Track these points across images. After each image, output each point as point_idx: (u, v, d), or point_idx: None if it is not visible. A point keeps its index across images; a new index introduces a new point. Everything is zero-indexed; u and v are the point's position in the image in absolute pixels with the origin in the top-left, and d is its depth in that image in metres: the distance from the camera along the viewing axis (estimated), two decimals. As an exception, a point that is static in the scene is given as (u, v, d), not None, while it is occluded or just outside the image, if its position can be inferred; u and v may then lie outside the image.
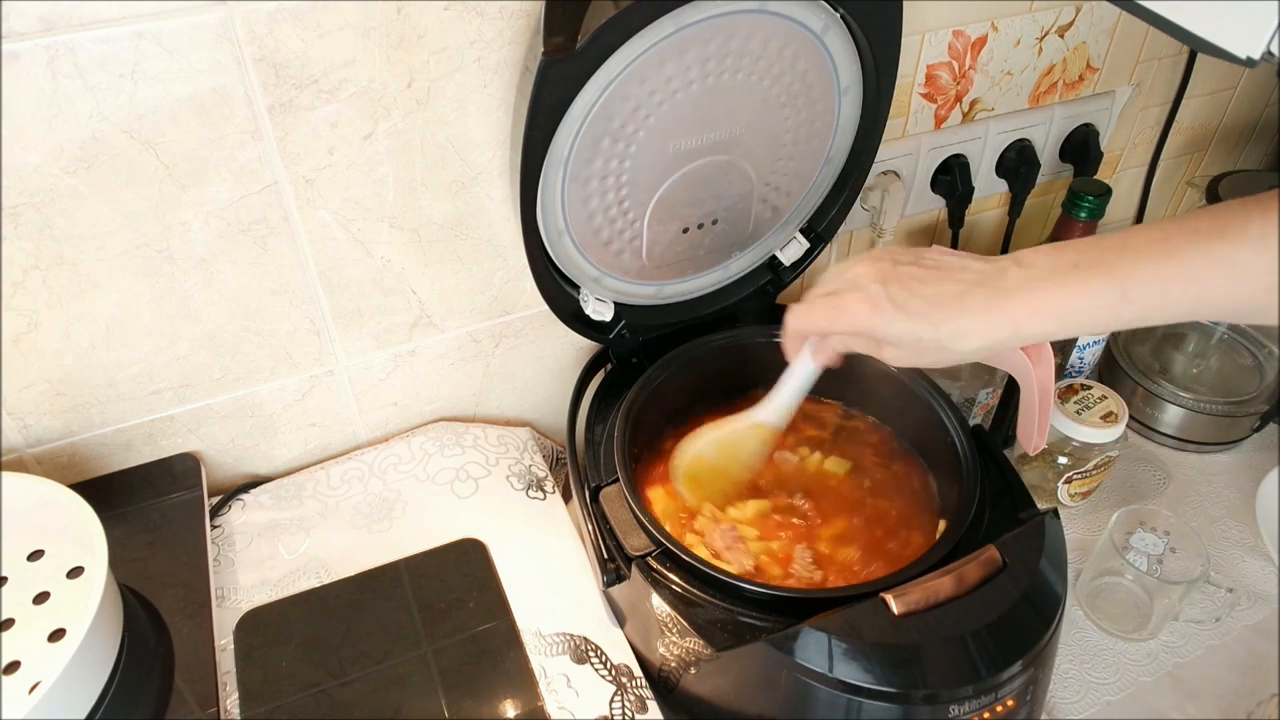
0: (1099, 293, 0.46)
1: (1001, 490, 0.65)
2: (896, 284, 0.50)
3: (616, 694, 0.61)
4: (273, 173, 0.61)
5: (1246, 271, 0.43)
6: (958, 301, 0.49)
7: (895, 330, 0.50)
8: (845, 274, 0.53)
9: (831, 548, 0.66)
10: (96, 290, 0.62)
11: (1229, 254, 0.44)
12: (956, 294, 0.49)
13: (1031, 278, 0.48)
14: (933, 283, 0.50)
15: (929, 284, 0.50)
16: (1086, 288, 0.47)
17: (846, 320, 0.52)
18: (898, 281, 0.50)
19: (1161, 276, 0.45)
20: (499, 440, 0.80)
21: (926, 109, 0.84)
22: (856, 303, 0.51)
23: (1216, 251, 0.44)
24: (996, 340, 0.49)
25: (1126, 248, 0.46)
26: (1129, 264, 0.46)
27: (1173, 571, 0.74)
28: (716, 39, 0.60)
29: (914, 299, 0.50)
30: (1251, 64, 0.42)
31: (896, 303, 0.50)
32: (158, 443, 0.71)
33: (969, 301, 0.49)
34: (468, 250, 0.72)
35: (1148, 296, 0.46)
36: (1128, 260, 0.46)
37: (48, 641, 0.57)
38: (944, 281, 0.50)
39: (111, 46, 0.53)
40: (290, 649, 0.63)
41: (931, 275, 0.50)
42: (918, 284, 0.50)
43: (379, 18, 0.58)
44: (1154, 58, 0.92)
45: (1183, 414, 0.89)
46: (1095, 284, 0.46)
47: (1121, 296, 0.46)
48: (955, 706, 0.52)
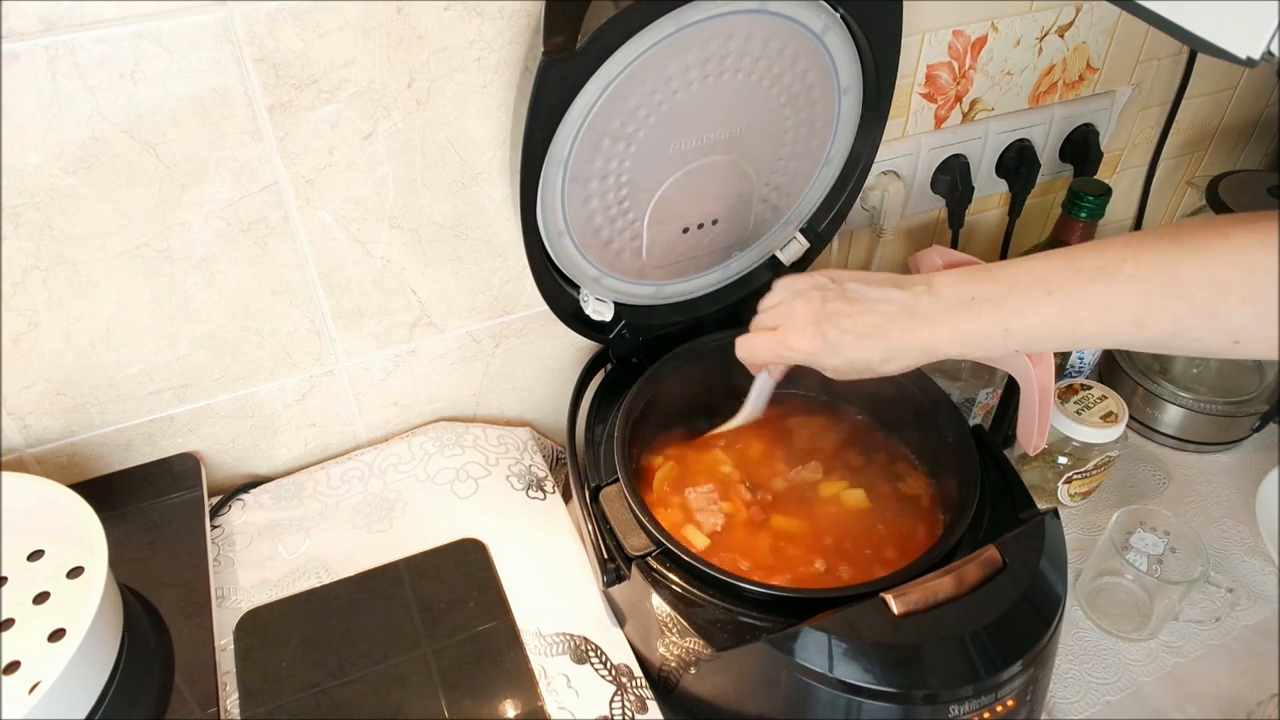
0: (986, 327, 0.52)
1: (1001, 490, 0.65)
2: (827, 322, 0.57)
3: (616, 694, 0.61)
4: (273, 173, 0.61)
5: (1116, 309, 0.48)
6: (880, 333, 0.56)
7: (831, 362, 0.58)
8: (786, 309, 0.60)
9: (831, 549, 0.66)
10: (96, 290, 0.62)
11: (1101, 294, 0.48)
12: (879, 326, 0.56)
13: (935, 309, 0.54)
14: (858, 316, 0.57)
15: (854, 319, 0.57)
16: (977, 321, 0.53)
17: (789, 354, 0.60)
18: (828, 319, 0.58)
19: (1040, 314, 0.50)
20: (499, 440, 0.80)
21: (926, 109, 0.84)
22: (797, 340, 0.59)
23: (1090, 291, 0.49)
24: (915, 361, 0.56)
25: (1015, 284, 0.52)
26: (1014, 302, 0.51)
27: (1173, 571, 0.74)
28: (716, 39, 0.60)
29: (844, 335, 0.57)
30: (1251, 64, 0.42)
31: (830, 340, 0.57)
32: (158, 443, 0.71)
33: (889, 333, 0.56)
34: (468, 250, 0.72)
35: (1028, 331, 0.51)
36: (1013, 298, 0.51)
37: (48, 641, 0.57)
38: (868, 314, 0.57)
39: (111, 46, 0.53)
40: (290, 649, 0.63)
41: (857, 310, 0.57)
42: (845, 319, 0.57)
43: (379, 18, 0.58)
44: (1154, 58, 0.92)
45: (1183, 414, 0.89)
46: (984, 319, 0.52)
47: (1005, 331, 0.52)
48: (955, 706, 0.52)
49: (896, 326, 0.55)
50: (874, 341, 0.56)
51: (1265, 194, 0.87)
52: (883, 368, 0.57)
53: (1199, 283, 0.45)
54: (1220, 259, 0.45)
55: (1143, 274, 0.47)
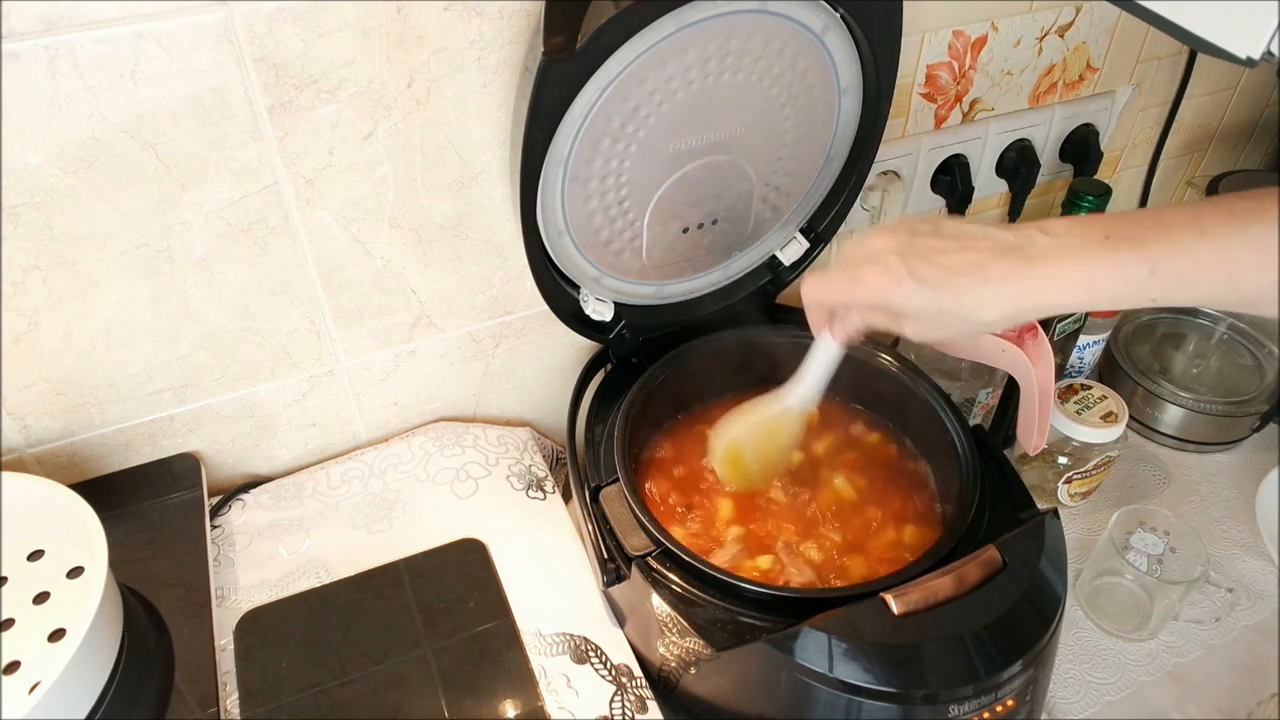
0: (1128, 267, 0.45)
1: (1001, 490, 0.65)
2: (915, 255, 0.49)
3: (616, 694, 0.61)
4: (273, 173, 0.61)
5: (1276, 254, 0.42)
6: (979, 271, 0.48)
7: (915, 302, 0.49)
8: (863, 246, 0.52)
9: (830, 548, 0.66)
10: (96, 290, 0.62)
11: (1263, 237, 0.42)
12: (978, 263, 0.48)
13: (1059, 247, 0.47)
14: (953, 252, 0.49)
15: (949, 253, 0.49)
16: (1116, 260, 0.45)
17: (864, 292, 0.51)
18: (916, 252, 0.49)
19: (1193, 254, 0.44)
20: (499, 440, 0.80)
21: (926, 109, 0.84)
22: (874, 275, 0.50)
23: (1250, 234, 0.43)
24: (1020, 309, 0.48)
25: (1159, 223, 0.45)
26: (1161, 240, 0.45)
27: (1173, 571, 0.74)
28: (716, 39, 0.60)
29: (934, 269, 0.48)
30: (1251, 64, 0.42)
31: (916, 274, 0.49)
32: (158, 443, 0.71)
33: (991, 271, 0.47)
34: (468, 250, 0.72)
35: (1177, 274, 0.45)
36: (1159, 236, 0.45)
37: (48, 641, 0.57)
38: (964, 250, 0.48)
39: (111, 46, 0.53)
40: (290, 649, 0.63)
41: (951, 245, 0.49)
42: (937, 254, 0.49)
43: (379, 18, 0.58)
44: (1154, 58, 0.92)
45: (1183, 414, 0.89)
46: (1125, 257, 0.45)
47: (1151, 272, 0.45)
48: (955, 706, 0.52)
49: (1000, 265, 0.47)
50: (969, 281, 0.47)
51: (1265, 194, 0.87)
52: (977, 314, 0.48)
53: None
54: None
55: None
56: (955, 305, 0.48)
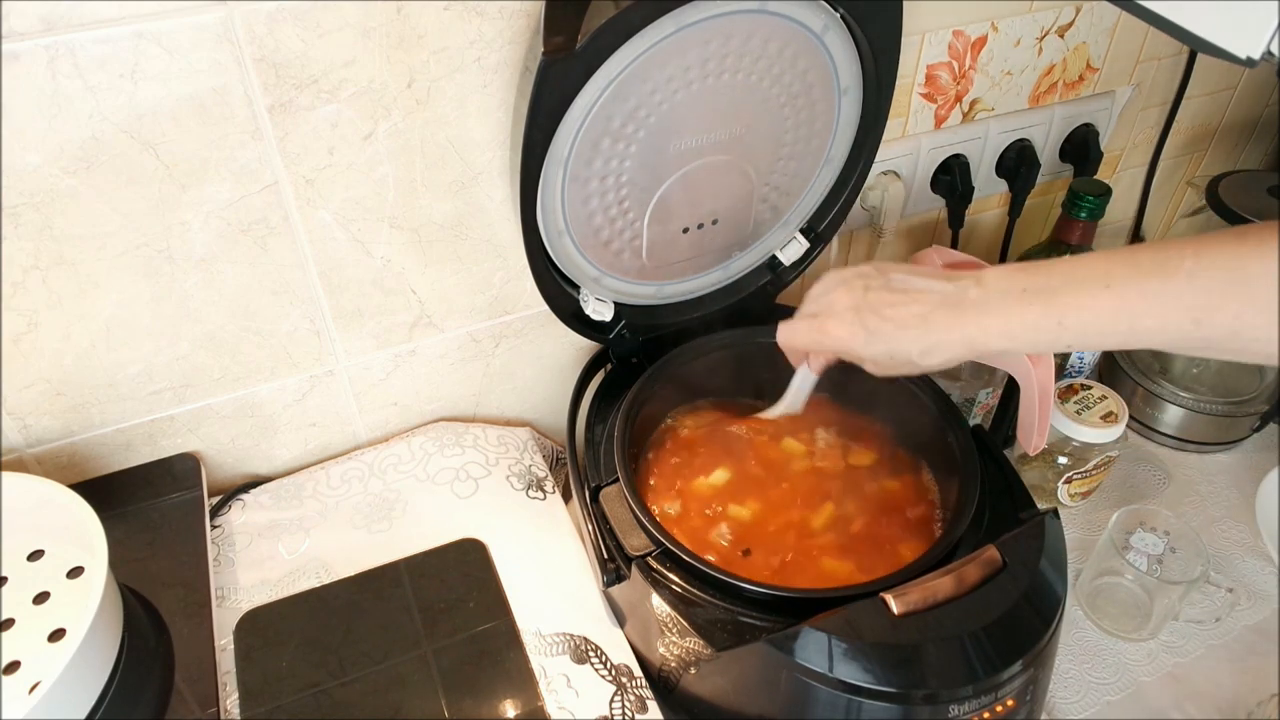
0: (1039, 320, 0.50)
1: (1001, 490, 0.65)
2: (868, 309, 0.56)
3: (616, 694, 0.61)
4: (273, 173, 0.61)
5: (1175, 306, 0.46)
6: (923, 323, 0.54)
7: (871, 351, 0.56)
8: (825, 296, 0.59)
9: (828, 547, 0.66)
10: (96, 290, 0.62)
11: (1159, 289, 0.47)
12: (921, 315, 0.54)
13: (985, 300, 0.52)
14: (900, 305, 0.55)
15: (896, 307, 0.55)
16: (1029, 313, 0.50)
17: (830, 342, 0.58)
18: (869, 307, 0.56)
19: (1096, 308, 0.49)
20: (499, 440, 0.80)
21: (926, 109, 0.84)
22: (835, 328, 0.57)
23: (1148, 287, 0.47)
24: (959, 354, 0.54)
25: (1071, 278, 0.50)
26: (1070, 294, 0.49)
27: (1173, 571, 0.74)
28: (716, 39, 0.60)
29: (884, 323, 0.55)
30: (1251, 64, 0.42)
31: (868, 327, 0.56)
32: (158, 443, 0.71)
33: (932, 322, 0.53)
34: (468, 250, 0.72)
35: (1083, 325, 0.49)
36: (1069, 291, 0.49)
37: (48, 641, 0.57)
38: (910, 304, 0.54)
39: (111, 46, 0.53)
40: (290, 649, 0.63)
41: (900, 299, 0.55)
42: (887, 307, 0.55)
43: (379, 18, 0.58)
44: (1154, 58, 0.92)
45: (1183, 414, 0.89)
46: (1036, 311, 0.50)
47: (1058, 324, 0.50)
48: (955, 706, 0.52)
49: (940, 316, 0.53)
50: (915, 331, 0.54)
51: (1265, 194, 0.87)
52: (923, 360, 0.55)
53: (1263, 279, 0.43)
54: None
55: (1204, 270, 0.45)
56: (905, 353, 0.55)
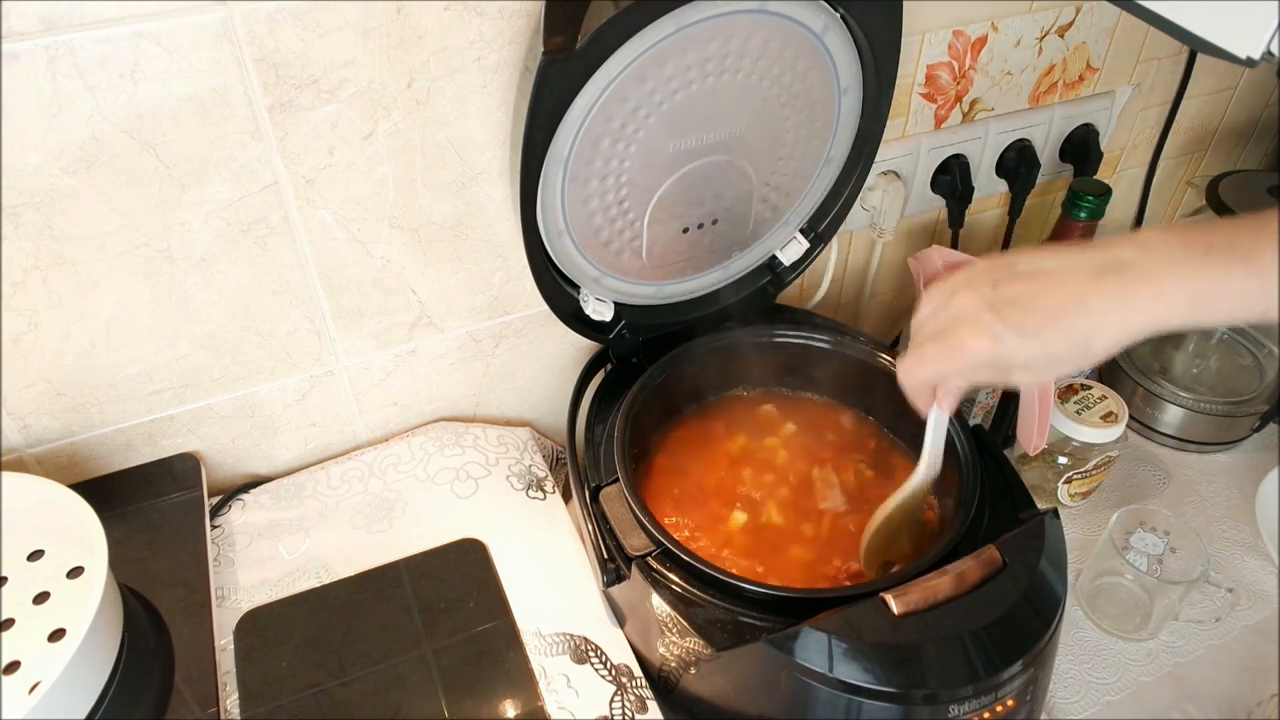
0: (1241, 281, 0.42)
1: (1001, 490, 0.65)
2: (1008, 305, 0.47)
3: (616, 694, 0.61)
4: (273, 173, 0.61)
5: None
6: (1080, 304, 0.45)
7: (1023, 354, 0.47)
8: (946, 310, 0.50)
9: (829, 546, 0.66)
10: (96, 290, 0.62)
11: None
12: (1076, 295, 0.45)
13: (1160, 261, 0.44)
14: (1044, 291, 0.46)
15: (1041, 294, 0.46)
16: (1228, 274, 0.43)
17: (967, 358, 0.48)
18: (1007, 302, 0.47)
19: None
20: (499, 440, 0.80)
21: (926, 109, 0.84)
22: (971, 337, 0.48)
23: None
24: (1131, 334, 0.45)
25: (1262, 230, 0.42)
26: (1267, 248, 0.42)
27: (1173, 571, 0.74)
28: (716, 39, 0.60)
29: (1032, 315, 0.46)
30: (1251, 64, 0.42)
31: (1015, 326, 0.46)
32: (158, 443, 0.71)
33: (1094, 299, 0.45)
34: (468, 250, 0.72)
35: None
36: (1265, 244, 0.42)
37: (48, 641, 0.57)
38: (1058, 287, 0.46)
39: (111, 46, 0.53)
40: (290, 649, 0.63)
41: (1040, 284, 0.47)
42: (1029, 298, 0.46)
43: (379, 18, 0.58)
44: (1154, 58, 0.92)
45: (1183, 414, 0.89)
46: (1236, 270, 0.42)
47: (1260, 286, 0.42)
48: (955, 706, 0.52)
49: (1101, 290, 0.44)
50: (1073, 316, 0.45)
51: (1265, 194, 0.87)
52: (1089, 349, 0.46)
53: None
54: None
55: None
56: (1065, 345, 0.46)
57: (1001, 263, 0.49)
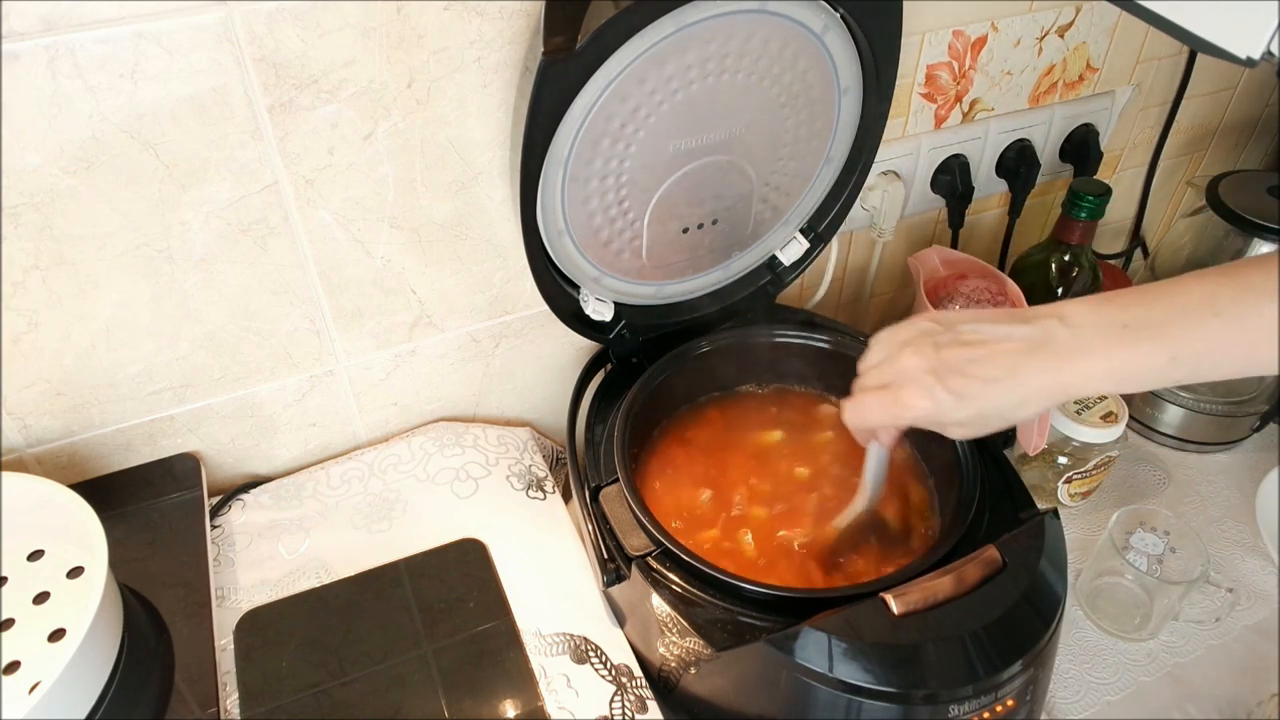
0: (1149, 357, 0.46)
1: (1001, 490, 0.65)
2: (947, 370, 0.51)
3: (616, 694, 0.61)
4: (273, 173, 0.61)
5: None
6: (1012, 376, 0.49)
7: (958, 416, 0.51)
8: (891, 366, 0.54)
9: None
10: (96, 290, 0.62)
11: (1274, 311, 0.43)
12: (1009, 368, 0.49)
13: (1082, 341, 0.48)
14: (983, 360, 0.50)
15: (979, 363, 0.50)
16: (1137, 351, 0.47)
17: (908, 414, 0.53)
18: (948, 367, 0.51)
19: (1210, 339, 0.45)
20: (499, 440, 0.80)
21: (926, 109, 0.84)
22: (913, 397, 0.52)
23: (1265, 312, 0.44)
24: (1055, 401, 0.50)
25: (1173, 306, 0.46)
26: (1177, 326, 0.46)
27: (1173, 571, 0.74)
28: (716, 39, 0.60)
29: (970, 382, 0.50)
30: (1251, 64, 0.42)
31: (954, 391, 0.51)
32: (158, 443, 0.71)
33: (1024, 372, 0.49)
34: (468, 250, 0.72)
35: (1197, 359, 0.46)
36: (1175, 322, 0.46)
37: (48, 641, 0.57)
38: (994, 357, 0.50)
39: (111, 46, 0.53)
40: (290, 649, 0.63)
41: (979, 352, 0.50)
42: (969, 365, 0.50)
43: (379, 18, 0.58)
44: (1154, 58, 0.92)
45: (1183, 414, 0.89)
46: (1145, 348, 0.46)
47: (1171, 360, 0.46)
48: (955, 706, 0.52)
49: (1031, 364, 0.49)
50: (1005, 385, 0.49)
51: (1265, 194, 0.87)
52: (1017, 414, 0.51)
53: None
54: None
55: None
56: (996, 410, 0.51)
57: (945, 323, 0.53)
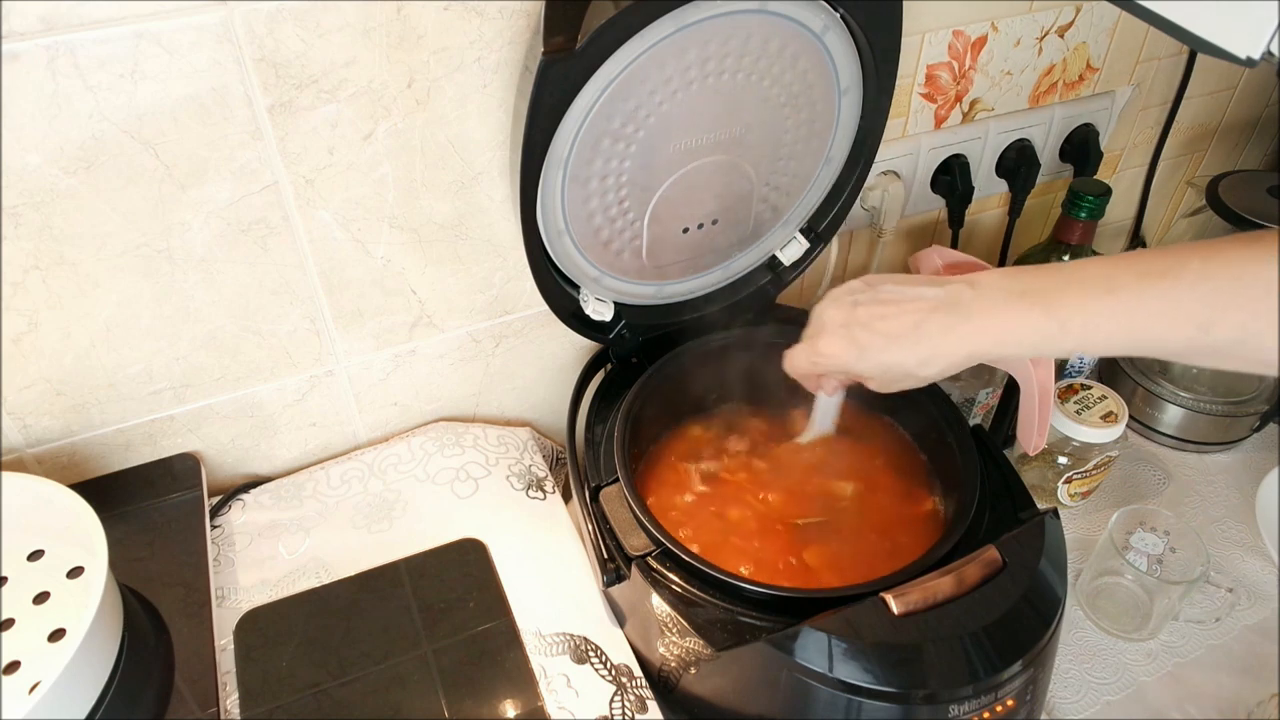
0: (1040, 323, 0.49)
1: (1001, 490, 0.65)
2: (858, 324, 0.54)
3: (616, 694, 0.61)
4: (273, 173, 0.61)
5: (1181, 311, 0.45)
6: (915, 331, 0.52)
7: (866, 367, 0.55)
8: (819, 318, 0.58)
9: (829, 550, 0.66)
10: (96, 290, 0.62)
11: (1164, 293, 0.45)
12: (913, 324, 0.52)
13: (981, 302, 0.51)
14: (891, 317, 0.53)
15: (888, 319, 0.53)
16: (1029, 316, 0.49)
17: (826, 362, 0.57)
18: (859, 322, 0.54)
19: (1099, 313, 0.47)
20: (499, 440, 0.80)
21: (926, 109, 0.84)
22: (829, 346, 0.56)
23: (1151, 290, 0.46)
24: (955, 363, 0.52)
25: (1072, 281, 0.48)
26: (1071, 297, 0.48)
27: (1173, 571, 0.74)
28: (716, 39, 0.60)
29: (875, 336, 0.53)
30: (1251, 64, 0.42)
31: (860, 343, 0.54)
32: (158, 443, 0.71)
33: (926, 330, 0.52)
34: (468, 250, 0.72)
35: (1085, 330, 0.48)
36: (1071, 293, 0.48)
37: (48, 641, 0.57)
38: (901, 315, 0.53)
39: (111, 46, 0.53)
40: (290, 649, 0.63)
41: (890, 310, 0.53)
42: (878, 320, 0.54)
43: (379, 18, 0.58)
44: (1154, 58, 0.92)
45: (1183, 414, 0.89)
46: (1036, 314, 0.49)
47: (1060, 328, 0.48)
48: (955, 706, 0.52)
49: (933, 324, 0.51)
50: (908, 342, 0.52)
51: (1265, 194, 0.87)
52: (920, 371, 0.53)
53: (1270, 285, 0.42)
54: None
55: (1212, 273, 0.44)
56: (899, 364, 0.53)
57: (871, 284, 0.56)
